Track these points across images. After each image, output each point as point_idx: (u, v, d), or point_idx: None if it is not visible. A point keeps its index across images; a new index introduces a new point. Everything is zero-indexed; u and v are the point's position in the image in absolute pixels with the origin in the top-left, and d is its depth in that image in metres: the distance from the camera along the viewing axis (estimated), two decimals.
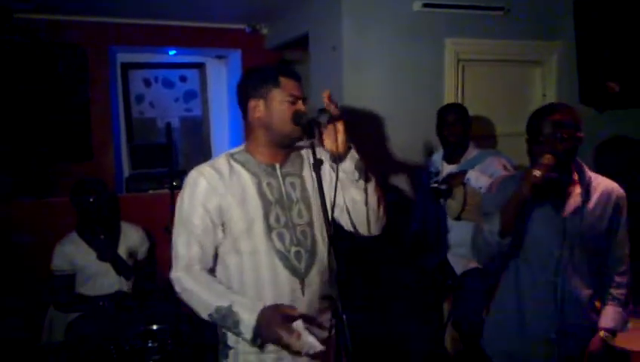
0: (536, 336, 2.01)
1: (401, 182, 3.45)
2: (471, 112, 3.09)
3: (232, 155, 1.85)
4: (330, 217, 1.61)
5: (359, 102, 3.39)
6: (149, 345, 2.62)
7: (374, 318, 3.12)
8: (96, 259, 3.03)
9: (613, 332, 2.01)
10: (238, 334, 1.68)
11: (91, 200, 3.09)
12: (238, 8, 4.20)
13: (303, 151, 1.91)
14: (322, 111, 1.70)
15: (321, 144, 1.75)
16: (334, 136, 1.71)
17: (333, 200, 1.68)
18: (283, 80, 1.78)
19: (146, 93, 5.45)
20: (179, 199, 1.81)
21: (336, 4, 3.39)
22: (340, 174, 1.73)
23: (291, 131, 1.77)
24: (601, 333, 2.00)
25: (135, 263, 3.25)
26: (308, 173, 1.86)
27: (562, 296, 1.97)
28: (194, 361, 2.78)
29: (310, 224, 1.81)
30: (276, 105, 1.77)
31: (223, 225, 1.76)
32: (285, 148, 1.85)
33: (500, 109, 3.83)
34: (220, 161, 1.82)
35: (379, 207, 1.85)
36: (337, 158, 1.72)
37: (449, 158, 3.03)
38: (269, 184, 1.80)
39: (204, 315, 1.69)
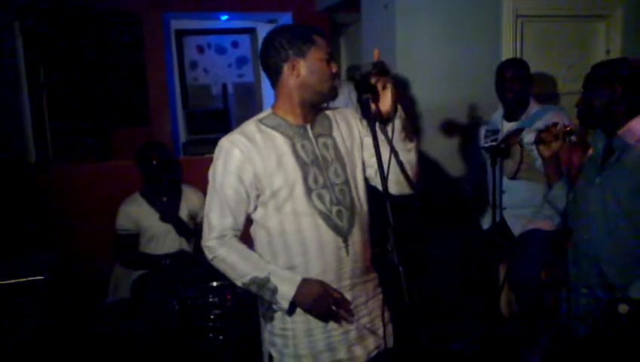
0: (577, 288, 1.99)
1: (456, 142, 3.39)
2: (531, 70, 2.99)
3: (260, 120, 1.80)
4: (386, 173, 1.61)
5: (412, 62, 3.34)
6: (210, 299, 2.71)
7: (426, 280, 3.13)
8: (159, 220, 3.16)
9: None
10: (273, 303, 1.73)
11: (155, 162, 3.20)
12: None
13: (329, 112, 1.89)
14: (373, 65, 1.68)
15: (374, 100, 1.70)
16: (382, 95, 1.68)
17: (388, 158, 1.67)
18: (317, 38, 1.75)
19: (200, 60, 5.53)
20: (212, 168, 1.79)
21: None
22: (389, 134, 1.72)
23: (330, 90, 1.76)
24: (620, 308, 1.88)
25: (195, 225, 3.36)
26: (338, 133, 1.84)
27: (599, 253, 1.93)
28: (252, 315, 2.87)
29: (347, 183, 1.80)
30: (316, 64, 1.73)
31: (260, 191, 1.76)
32: (317, 108, 1.83)
33: (561, 66, 3.68)
34: (250, 127, 1.78)
35: (417, 166, 1.83)
36: (386, 118, 1.70)
37: (509, 116, 2.95)
38: (303, 146, 1.78)
39: (238, 283, 1.74)
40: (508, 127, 2.90)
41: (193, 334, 2.67)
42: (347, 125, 1.88)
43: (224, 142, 1.77)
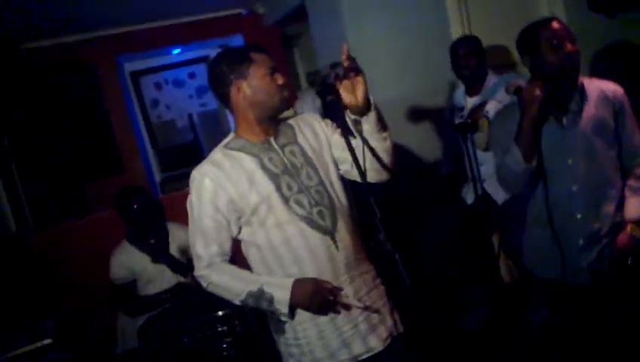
0: (567, 246, 2.01)
1: (425, 127, 3.45)
2: (483, 43, 3.06)
3: (225, 146, 1.85)
4: (363, 167, 1.68)
5: (366, 57, 3.38)
6: (219, 329, 2.72)
7: (424, 264, 3.17)
8: (151, 262, 3.15)
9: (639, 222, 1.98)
10: (273, 311, 1.77)
11: (135, 206, 3.19)
12: None
13: (291, 121, 1.93)
14: (336, 65, 1.72)
15: (339, 101, 1.73)
16: (352, 91, 1.71)
17: (361, 151, 1.74)
18: (255, 55, 1.80)
19: (160, 97, 5.53)
20: (188, 203, 1.83)
21: None
22: (365, 127, 1.75)
23: (280, 101, 1.80)
24: (629, 227, 1.98)
25: (188, 259, 3.35)
26: (303, 139, 1.88)
27: (584, 203, 1.97)
28: (263, 335, 2.88)
29: (321, 183, 1.83)
30: (259, 81, 1.78)
31: (240, 213, 1.79)
32: (275, 121, 1.87)
33: (512, 34, 3.76)
34: (217, 155, 1.83)
35: (393, 153, 1.86)
36: (359, 112, 1.73)
37: (470, 91, 3.02)
38: (270, 159, 1.81)
39: (236, 301, 1.78)
40: (471, 102, 2.97)
41: None
42: (311, 129, 1.92)
43: (194, 174, 1.81)
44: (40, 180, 4.22)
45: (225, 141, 1.87)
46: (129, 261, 3.20)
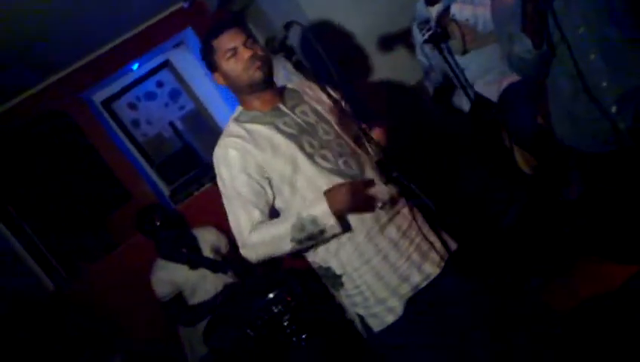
0: (596, 112, 1.94)
1: (399, 53, 3.42)
2: None
3: (237, 120, 1.89)
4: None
5: (319, 6, 3.34)
6: (275, 310, 2.80)
7: (441, 181, 3.20)
8: (190, 270, 3.23)
9: None
10: (323, 231, 1.73)
11: (158, 223, 3.26)
12: None
13: (293, 85, 1.99)
14: (289, 25, 1.74)
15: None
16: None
17: None
18: (215, 42, 1.84)
19: (138, 115, 5.50)
20: (219, 180, 1.86)
21: None
22: None
23: (255, 73, 1.82)
24: None
25: (224, 258, 3.42)
26: (309, 99, 1.93)
27: (606, 69, 1.88)
28: (319, 306, 2.96)
29: (339, 135, 1.87)
30: (226, 65, 1.83)
31: (269, 178, 1.81)
32: (268, 88, 1.88)
33: None
34: (232, 127, 1.87)
35: None
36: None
37: (429, 1, 2.97)
38: (284, 123, 1.85)
39: (287, 247, 1.75)
40: (434, 11, 2.93)
41: (280, 348, 2.77)
42: (313, 90, 1.96)
43: (217, 151, 1.85)
44: (57, 233, 4.28)
45: (234, 115, 1.91)
46: (168, 275, 3.29)
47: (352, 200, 1.72)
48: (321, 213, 1.71)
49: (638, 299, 2.20)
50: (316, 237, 1.76)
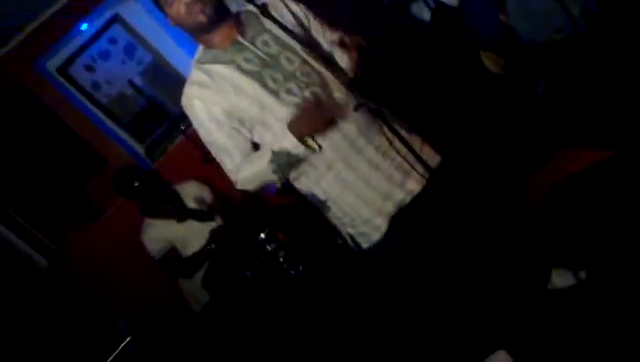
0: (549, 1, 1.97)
1: None
2: None
3: (198, 61, 1.85)
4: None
5: None
6: (269, 248, 2.85)
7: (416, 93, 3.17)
8: (178, 223, 3.24)
9: None
10: (298, 159, 1.78)
11: (137, 183, 3.24)
12: None
13: (252, 9, 1.84)
14: None
15: None
16: None
17: None
18: None
19: (97, 77, 5.30)
20: (196, 129, 1.87)
21: None
22: None
23: (197, 19, 1.75)
24: None
25: (209, 206, 3.43)
26: (271, 24, 1.82)
27: None
28: (310, 235, 3.02)
29: (304, 62, 1.81)
30: (169, 13, 1.76)
31: (240, 120, 1.81)
32: (221, 23, 1.80)
33: None
34: (194, 73, 1.83)
35: None
36: None
37: None
38: (245, 59, 1.79)
39: (274, 176, 1.80)
40: None
41: (280, 284, 2.83)
42: (276, 9, 1.84)
43: (183, 100, 1.84)
44: (39, 210, 4.23)
45: (196, 56, 1.87)
46: (157, 232, 3.31)
47: (312, 123, 1.73)
48: (290, 144, 1.74)
49: (606, 179, 2.28)
50: (296, 163, 1.82)
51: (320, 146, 1.78)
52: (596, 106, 2.14)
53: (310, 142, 1.76)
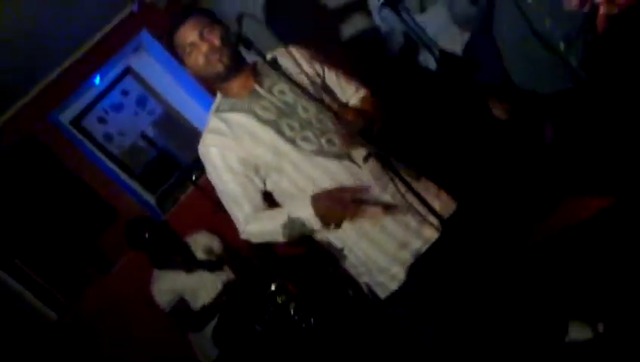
0: (546, 52, 1.99)
1: (358, 21, 3.37)
2: None
3: (217, 110, 1.88)
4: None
5: None
6: (279, 301, 2.80)
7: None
8: (187, 274, 3.23)
9: None
10: (312, 231, 1.80)
11: (147, 236, 3.25)
12: None
13: (270, 56, 1.84)
14: (241, 17, 1.69)
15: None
16: None
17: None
18: (175, 38, 1.81)
19: (109, 128, 5.40)
20: (209, 176, 1.90)
21: None
22: None
23: (215, 68, 1.79)
24: (602, 9, 1.87)
25: (218, 257, 3.41)
26: (286, 74, 1.80)
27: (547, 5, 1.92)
28: (322, 286, 2.98)
29: (320, 110, 1.82)
30: (188, 63, 1.81)
31: (255, 167, 1.82)
32: (239, 72, 1.84)
33: None
34: (212, 121, 1.86)
35: None
36: None
37: None
38: (262, 107, 1.82)
39: (282, 239, 1.81)
40: None
41: (291, 337, 2.78)
42: (291, 60, 1.84)
43: (200, 149, 1.87)
44: (50, 263, 4.23)
45: (215, 105, 1.90)
46: (166, 284, 3.30)
47: (334, 201, 1.74)
48: (308, 216, 1.75)
49: (609, 225, 2.26)
50: (307, 233, 1.83)
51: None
52: (599, 153, 2.13)
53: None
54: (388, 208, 1.82)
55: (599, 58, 1.98)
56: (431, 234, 1.86)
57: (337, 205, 1.74)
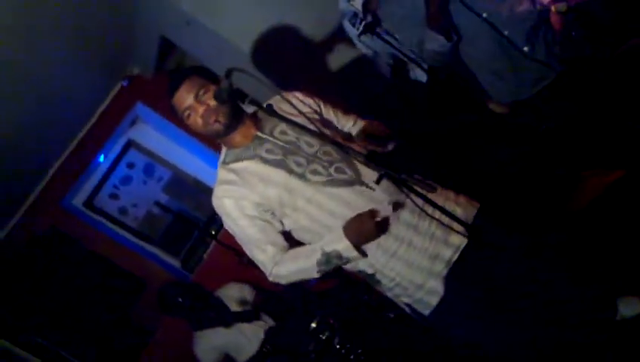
0: (514, 59, 2.04)
1: (342, 49, 3.43)
2: None
3: (224, 163, 1.91)
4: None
5: (248, 36, 3.34)
6: (323, 337, 2.79)
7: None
8: (226, 329, 3.24)
9: None
10: (348, 261, 1.80)
11: (180, 300, 3.27)
12: (102, 78, 4.15)
13: (266, 108, 1.89)
14: (229, 72, 1.73)
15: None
16: None
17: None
18: (173, 103, 1.85)
19: (122, 203, 5.49)
20: (227, 228, 1.91)
21: None
22: None
23: (213, 128, 1.82)
24: (553, 8, 1.96)
25: (253, 305, 3.42)
26: (285, 116, 1.84)
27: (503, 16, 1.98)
28: (361, 314, 2.97)
29: (322, 143, 1.85)
30: (188, 125, 1.85)
31: (271, 210, 1.84)
32: (239, 125, 1.87)
33: None
34: (221, 173, 1.90)
35: None
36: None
37: None
38: (267, 150, 1.85)
39: (316, 275, 1.82)
40: (357, 3, 2.92)
41: None
42: (286, 102, 1.88)
43: (214, 202, 1.90)
44: (88, 344, 4.25)
45: (221, 158, 1.93)
46: (208, 343, 3.30)
47: (368, 229, 1.76)
48: (344, 247, 1.76)
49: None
50: (342, 265, 1.83)
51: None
52: (597, 130, 2.14)
53: (363, 247, 1.80)
54: (410, 225, 1.83)
55: (568, 47, 2.01)
56: (459, 241, 1.85)
57: (369, 228, 1.75)
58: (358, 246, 1.77)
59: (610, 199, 2.36)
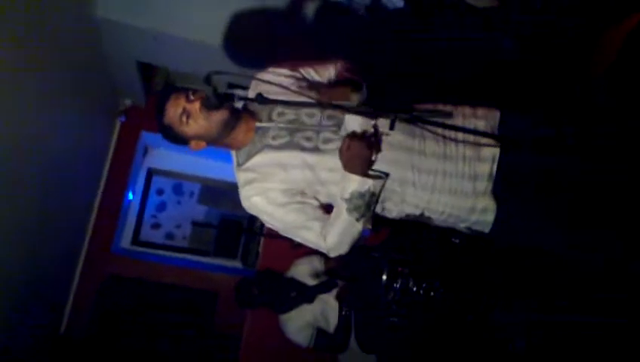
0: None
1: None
2: None
3: (238, 165, 1.89)
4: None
5: (215, 30, 3.28)
6: (397, 286, 2.79)
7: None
8: (309, 304, 3.30)
9: None
10: (373, 195, 1.75)
11: (256, 292, 3.33)
12: (101, 125, 4.17)
13: (252, 89, 1.90)
14: (208, 78, 1.68)
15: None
16: None
17: None
18: (165, 120, 1.80)
19: (165, 229, 5.59)
20: (266, 223, 1.91)
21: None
22: None
23: (214, 130, 1.79)
24: None
25: (328, 272, 3.47)
26: (275, 97, 1.78)
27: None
28: (427, 251, 2.95)
29: (321, 109, 1.81)
30: (190, 131, 1.79)
31: (302, 192, 1.84)
32: (238, 119, 1.83)
33: None
34: (240, 177, 1.88)
35: None
36: None
37: None
38: (273, 137, 1.83)
39: (360, 226, 1.78)
40: None
41: (427, 311, 2.77)
42: (269, 83, 1.83)
43: (245, 205, 1.88)
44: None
45: (234, 162, 1.92)
46: (297, 322, 3.37)
47: (362, 154, 1.71)
48: (355, 184, 1.73)
49: None
50: (374, 201, 1.78)
51: (384, 173, 1.77)
52: None
53: (372, 172, 1.75)
54: (439, 155, 1.79)
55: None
56: (492, 152, 1.80)
57: (358, 152, 1.71)
58: (365, 173, 1.73)
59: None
